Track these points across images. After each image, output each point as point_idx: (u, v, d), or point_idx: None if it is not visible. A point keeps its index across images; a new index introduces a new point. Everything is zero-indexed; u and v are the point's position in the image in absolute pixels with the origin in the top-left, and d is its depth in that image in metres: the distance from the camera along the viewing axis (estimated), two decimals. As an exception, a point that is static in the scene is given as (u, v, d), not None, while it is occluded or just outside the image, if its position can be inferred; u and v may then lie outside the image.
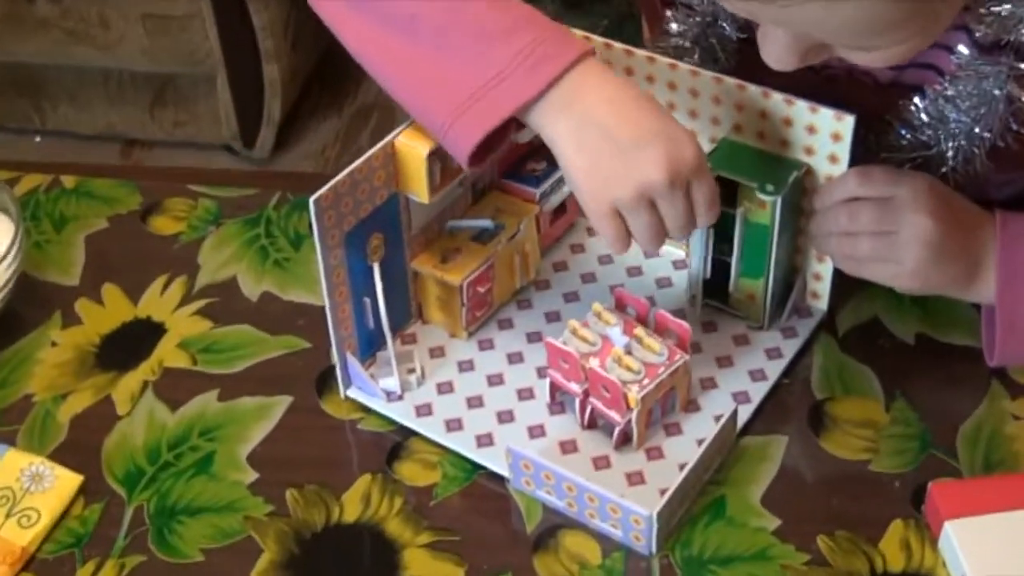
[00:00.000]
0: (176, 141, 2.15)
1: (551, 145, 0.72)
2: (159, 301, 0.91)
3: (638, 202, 0.70)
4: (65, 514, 0.77)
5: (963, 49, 0.73)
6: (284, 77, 2.03)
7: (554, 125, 0.71)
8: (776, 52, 0.65)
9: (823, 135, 0.77)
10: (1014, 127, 0.73)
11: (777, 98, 0.78)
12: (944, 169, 0.76)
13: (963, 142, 0.75)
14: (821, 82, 0.86)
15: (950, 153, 0.75)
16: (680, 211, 0.72)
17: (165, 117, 2.12)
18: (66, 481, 0.78)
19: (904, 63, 0.64)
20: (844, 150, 0.77)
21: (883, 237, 0.75)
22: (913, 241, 0.74)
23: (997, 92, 0.72)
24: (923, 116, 0.76)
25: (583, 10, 1.90)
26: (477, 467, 0.78)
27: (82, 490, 0.78)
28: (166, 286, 0.92)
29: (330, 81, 2.30)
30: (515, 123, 0.73)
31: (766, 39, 0.66)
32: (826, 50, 0.65)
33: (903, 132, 0.77)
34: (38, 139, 2.19)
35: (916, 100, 0.76)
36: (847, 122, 0.76)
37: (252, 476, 0.79)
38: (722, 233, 0.82)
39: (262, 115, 2.07)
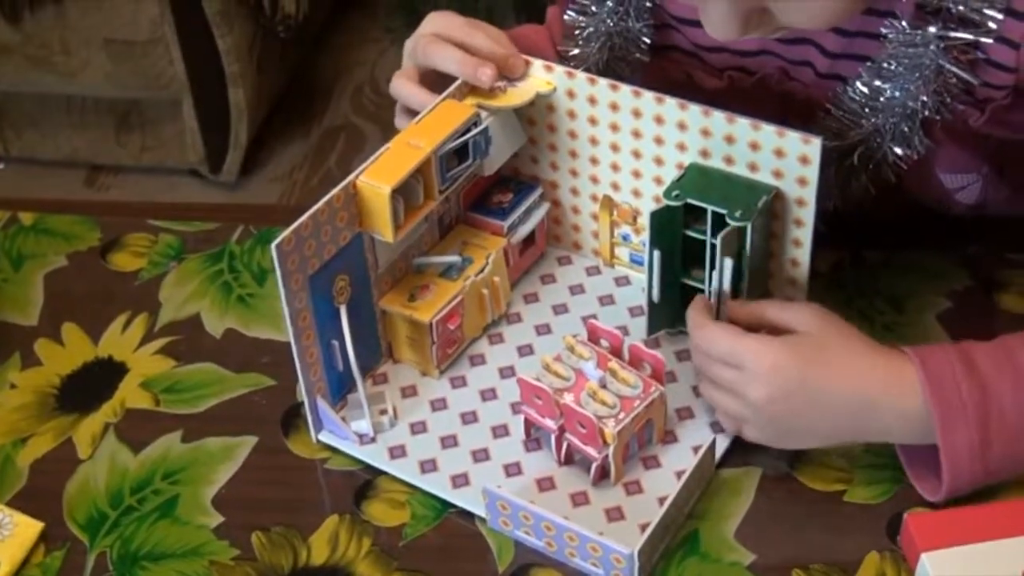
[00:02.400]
0: (142, 167, 2.13)
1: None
2: (120, 340, 0.89)
3: None
4: (25, 562, 0.75)
5: (901, 19, 0.74)
6: (250, 100, 2.02)
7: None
8: (717, 20, 0.66)
9: (791, 158, 0.77)
10: (948, 100, 0.73)
11: (743, 122, 0.77)
12: (886, 154, 0.76)
13: (899, 120, 0.74)
14: (755, 85, 0.86)
15: (887, 129, 0.74)
16: None
17: (131, 142, 2.10)
18: (26, 528, 0.77)
19: (849, 27, 0.64)
20: (813, 172, 0.77)
21: (737, 400, 0.74)
22: (758, 416, 0.73)
23: (928, 62, 0.72)
24: (861, 90, 0.76)
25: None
26: (447, 505, 0.77)
27: (43, 537, 0.77)
28: (127, 324, 0.90)
29: (297, 104, 2.29)
30: None
31: (707, 7, 0.66)
32: (768, 17, 0.66)
33: (841, 116, 0.77)
34: (2, 166, 2.17)
35: (856, 73, 0.77)
36: (815, 145, 0.75)
37: (217, 519, 0.77)
38: (692, 259, 0.82)
39: (229, 139, 2.06)
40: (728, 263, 0.77)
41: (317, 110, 2.30)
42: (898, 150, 0.77)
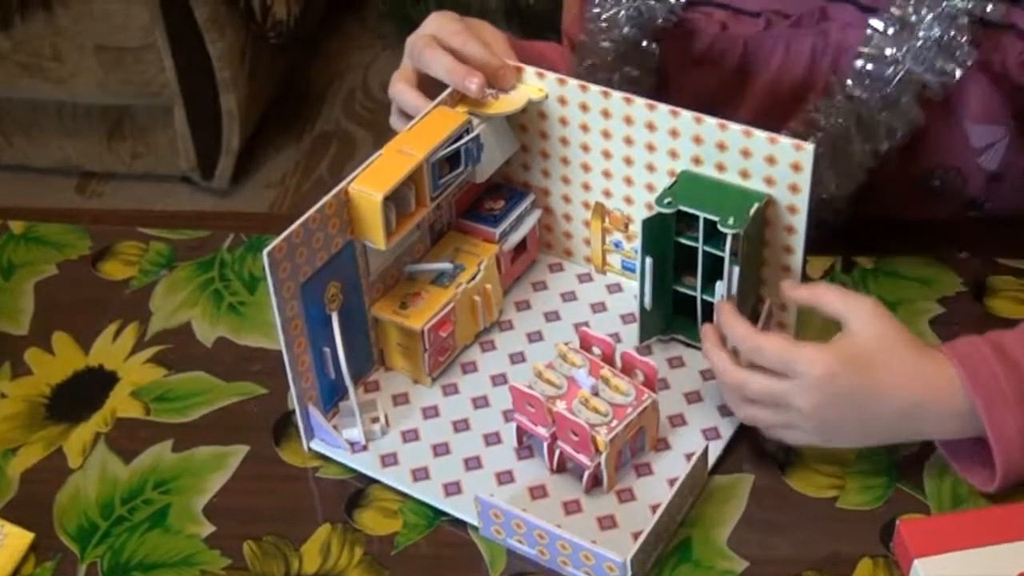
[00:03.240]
0: (134, 173, 2.13)
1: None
2: (111, 349, 0.89)
3: None
4: (16, 573, 0.75)
5: None
6: (242, 106, 2.02)
7: None
8: None
9: (783, 165, 0.77)
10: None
11: (735, 129, 0.77)
12: (929, 73, 0.77)
13: (943, 28, 0.75)
14: (792, 26, 0.87)
15: (931, 39, 0.75)
16: None
17: (122, 149, 2.10)
18: (16, 539, 0.76)
19: None
20: (804, 180, 0.77)
21: (778, 413, 0.74)
22: (807, 422, 0.73)
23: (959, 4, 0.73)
24: (889, 31, 0.77)
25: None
26: (439, 513, 0.77)
27: (33, 547, 0.76)
28: (118, 333, 0.90)
29: (289, 110, 2.29)
30: None
31: None
32: None
33: (879, 34, 0.78)
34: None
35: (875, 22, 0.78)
36: (807, 151, 0.75)
37: (208, 529, 0.77)
38: (684, 266, 0.82)
39: (220, 145, 2.05)
40: (736, 271, 0.77)
41: (309, 116, 2.30)
42: (942, 64, 0.77)
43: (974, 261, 0.90)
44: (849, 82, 0.82)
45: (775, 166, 0.77)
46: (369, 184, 0.75)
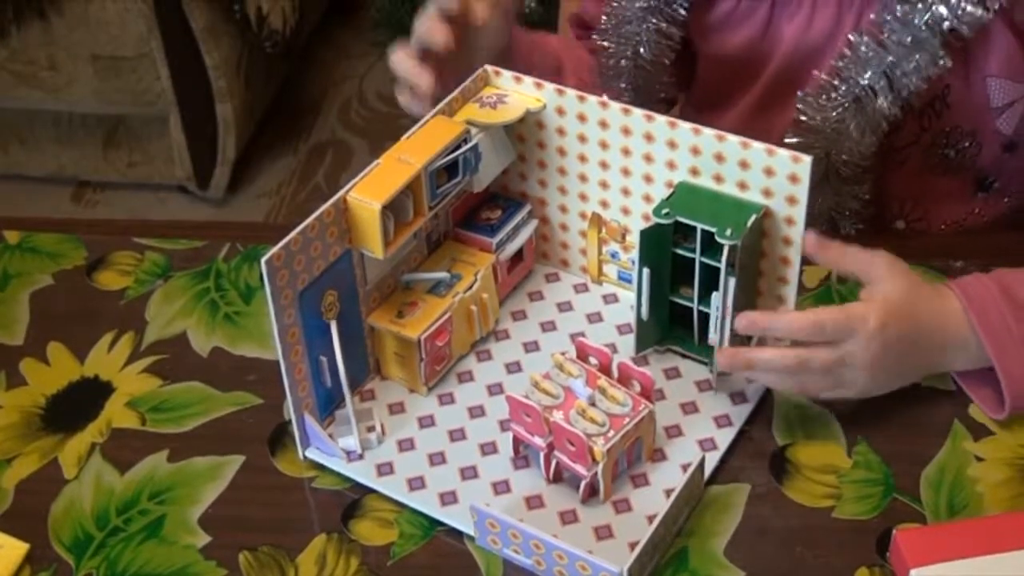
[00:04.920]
0: (129, 182, 2.12)
1: None
2: (106, 359, 0.89)
3: None
4: (11, 584, 0.75)
5: None
6: (238, 116, 2.02)
7: None
8: None
9: (780, 177, 0.77)
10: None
11: (733, 140, 0.77)
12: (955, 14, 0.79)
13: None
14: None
15: (947, 10, 0.78)
16: None
17: (118, 158, 2.09)
18: (11, 550, 0.76)
19: None
20: (802, 192, 0.77)
21: (831, 376, 0.78)
22: (862, 375, 0.77)
23: None
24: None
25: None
26: (435, 523, 0.77)
27: (28, 559, 0.76)
28: (113, 343, 0.90)
29: (285, 119, 2.29)
30: None
31: None
32: None
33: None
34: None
35: None
36: (804, 164, 0.75)
37: (204, 539, 0.77)
38: (681, 277, 0.82)
39: (216, 155, 2.05)
40: (732, 282, 0.77)
41: (305, 125, 2.30)
42: (970, 8, 0.79)
43: (970, 270, 0.90)
44: (878, 24, 0.84)
45: (773, 178, 0.77)
46: (367, 193, 0.75)
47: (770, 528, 0.76)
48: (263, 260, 0.71)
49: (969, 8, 0.81)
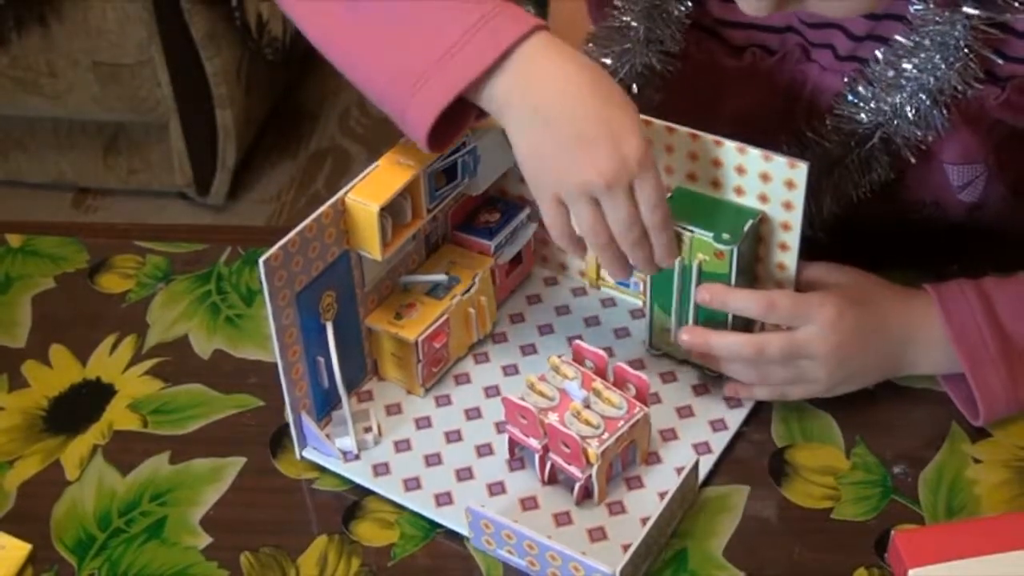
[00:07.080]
0: (130, 189, 2.13)
1: (503, 125, 0.73)
2: (108, 361, 0.89)
3: (578, 198, 0.71)
4: (12, 585, 0.75)
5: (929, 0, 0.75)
6: (238, 123, 2.02)
7: (505, 109, 0.71)
8: None
9: (777, 183, 0.77)
10: (971, 79, 0.75)
11: (730, 146, 0.78)
12: (903, 137, 0.78)
13: (920, 99, 0.76)
14: (775, 65, 0.87)
15: (906, 110, 0.76)
16: (622, 213, 0.71)
17: (118, 165, 2.10)
18: (13, 551, 0.76)
19: (878, 10, 0.65)
20: (799, 197, 0.77)
21: (791, 367, 0.78)
22: (823, 368, 0.77)
23: (953, 41, 0.74)
24: (883, 70, 0.78)
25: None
26: (435, 525, 0.77)
27: (30, 559, 0.76)
28: (115, 346, 0.90)
29: (285, 126, 2.29)
30: (475, 107, 0.73)
31: None
32: None
33: (858, 100, 0.79)
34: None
35: (877, 53, 0.78)
36: (801, 169, 0.76)
37: (205, 540, 0.77)
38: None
39: (216, 161, 2.06)
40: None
41: (304, 132, 2.30)
42: (917, 131, 0.79)
43: (964, 274, 0.90)
44: (823, 131, 0.83)
45: (769, 183, 0.78)
46: (366, 195, 0.75)
47: (769, 529, 0.76)
48: (261, 260, 0.71)
49: (915, 132, 0.79)
